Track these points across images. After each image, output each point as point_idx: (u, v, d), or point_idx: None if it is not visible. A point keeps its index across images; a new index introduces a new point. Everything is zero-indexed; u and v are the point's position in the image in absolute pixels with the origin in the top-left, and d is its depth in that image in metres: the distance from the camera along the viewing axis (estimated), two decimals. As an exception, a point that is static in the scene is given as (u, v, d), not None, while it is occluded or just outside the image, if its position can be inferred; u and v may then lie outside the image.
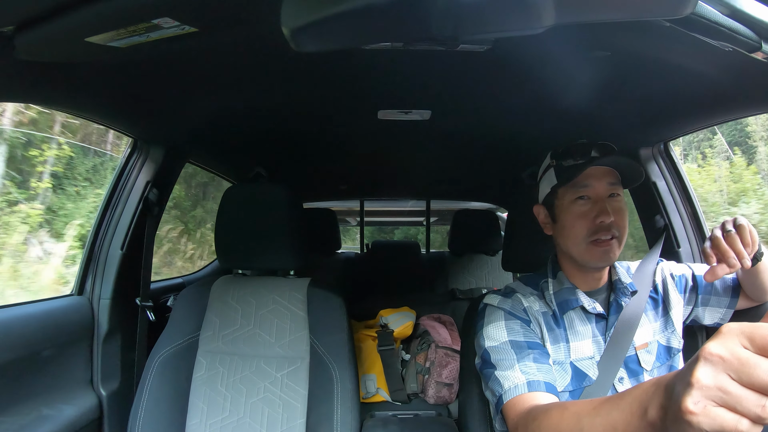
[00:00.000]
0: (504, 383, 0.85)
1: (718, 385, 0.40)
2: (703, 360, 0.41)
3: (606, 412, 0.57)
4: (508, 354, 0.88)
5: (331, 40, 0.58)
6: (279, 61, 0.99)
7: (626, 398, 0.54)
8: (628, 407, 0.53)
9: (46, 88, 0.94)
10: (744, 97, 1.01)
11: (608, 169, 0.92)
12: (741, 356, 0.39)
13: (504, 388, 0.85)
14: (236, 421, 1.11)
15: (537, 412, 0.75)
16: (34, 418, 1.10)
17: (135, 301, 1.44)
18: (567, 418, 0.65)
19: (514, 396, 0.83)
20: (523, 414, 0.79)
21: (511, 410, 0.82)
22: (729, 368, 0.40)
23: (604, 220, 0.89)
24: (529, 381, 0.83)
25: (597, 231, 0.89)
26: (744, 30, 0.63)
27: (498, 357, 0.89)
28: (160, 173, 1.46)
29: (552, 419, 0.69)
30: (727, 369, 0.40)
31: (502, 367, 0.87)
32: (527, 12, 0.52)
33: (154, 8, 0.64)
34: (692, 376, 0.41)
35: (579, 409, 0.64)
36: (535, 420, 0.73)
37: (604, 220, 0.89)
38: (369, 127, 1.52)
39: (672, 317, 0.99)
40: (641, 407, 0.50)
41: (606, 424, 0.56)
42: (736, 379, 0.39)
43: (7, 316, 1.09)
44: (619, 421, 0.54)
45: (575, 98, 1.18)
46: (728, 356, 0.40)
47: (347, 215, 4.33)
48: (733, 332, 0.41)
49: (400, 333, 2.07)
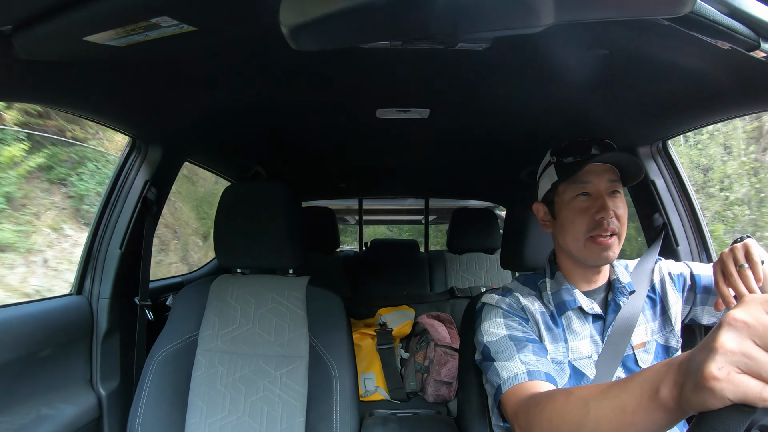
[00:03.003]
0: (503, 373, 0.85)
1: (743, 350, 0.40)
2: (727, 325, 0.41)
3: (614, 394, 0.56)
4: (508, 347, 0.88)
5: (330, 39, 0.58)
6: (277, 60, 0.99)
7: (636, 380, 0.53)
8: (638, 389, 0.52)
9: (44, 87, 0.93)
10: (743, 96, 1.01)
11: (608, 166, 0.93)
12: (766, 322, 0.39)
13: (503, 378, 0.84)
14: (236, 419, 1.11)
15: (540, 397, 0.74)
16: (34, 417, 1.10)
17: (134, 301, 1.44)
18: (572, 401, 0.64)
19: (513, 384, 0.82)
20: (524, 400, 0.77)
21: (510, 398, 0.81)
22: (754, 334, 0.40)
23: (605, 216, 0.89)
24: (529, 370, 0.83)
25: (597, 227, 0.90)
26: (742, 29, 0.63)
27: (497, 350, 0.89)
28: (159, 172, 1.46)
29: (557, 403, 0.67)
30: (752, 335, 0.40)
31: (502, 358, 0.87)
32: (526, 10, 0.52)
33: (153, 7, 0.64)
34: (716, 342, 0.41)
35: (585, 392, 0.63)
36: (538, 405, 0.71)
37: (605, 216, 0.89)
38: (367, 126, 1.52)
39: (670, 316, 0.99)
40: (652, 387, 0.50)
41: (614, 406, 0.55)
42: (761, 345, 0.39)
43: (6, 316, 1.09)
44: (628, 403, 0.53)
45: (574, 97, 1.18)
46: (753, 322, 0.40)
47: (346, 214, 4.33)
48: (757, 300, 0.41)
49: (398, 332, 2.07)
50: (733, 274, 0.81)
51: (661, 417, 0.49)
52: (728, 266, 0.82)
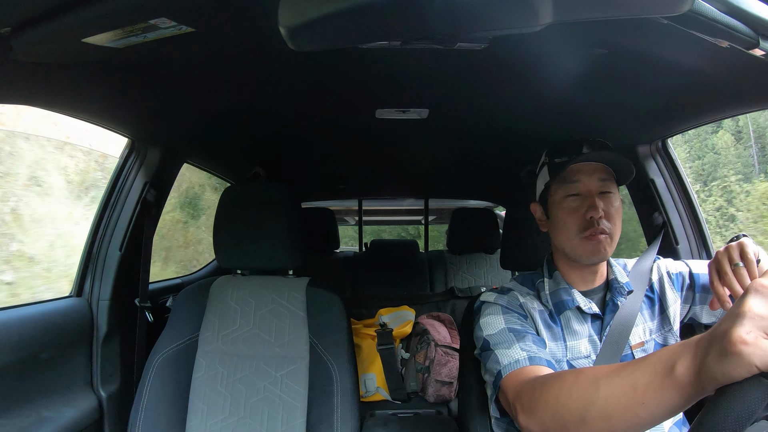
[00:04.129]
0: (503, 359, 0.84)
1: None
2: (754, 291, 0.41)
3: (627, 373, 0.55)
4: (507, 338, 0.88)
5: (328, 40, 0.58)
6: (276, 61, 0.99)
7: (649, 359, 0.53)
8: (651, 367, 0.51)
9: (43, 89, 0.93)
10: (741, 94, 1.01)
11: (600, 165, 0.92)
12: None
13: (503, 364, 0.83)
14: (236, 421, 1.10)
15: (547, 377, 0.72)
16: (34, 420, 1.10)
17: (134, 302, 1.43)
18: (582, 380, 0.62)
19: (515, 369, 0.81)
20: (528, 380, 0.75)
21: (512, 380, 0.80)
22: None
23: (593, 216, 0.89)
24: (530, 356, 0.82)
25: (587, 227, 0.90)
26: (741, 27, 0.63)
27: (497, 341, 0.88)
28: (158, 174, 1.46)
29: (565, 381, 0.65)
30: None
31: (502, 347, 0.86)
32: (525, 10, 0.52)
33: (151, 8, 0.64)
34: (743, 307, 0.41)
35: (596, 371, 0.62)
36: (545, 384, 0.70)
37: (593, 216, 0.89)
38: (367, 126, 1.52)
39: (669, 316, 0.99)
40: (666, 365, 0.49)
41: (626, 384, 0.54)
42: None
43: (6, 318, 1.09)
44: (640, 381, 0.52)
45: (573, 96, 1.18)
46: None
47: (345, 214, 4.33)
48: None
49: (399, 332, 2.07)
50: (728, 272, 0.81)
51: (673, 396, 0.49)
52: (723, 265, 0.82)
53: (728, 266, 0.81)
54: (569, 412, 0.62)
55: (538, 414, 0.68)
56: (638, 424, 0.54)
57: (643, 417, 0.52)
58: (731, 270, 0.81)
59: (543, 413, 0.67)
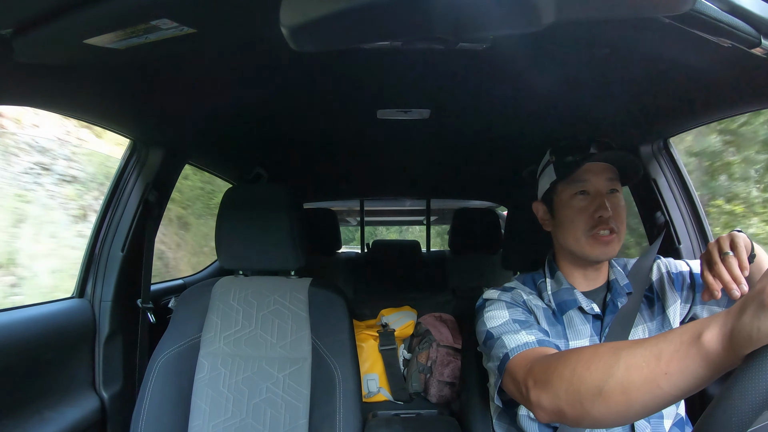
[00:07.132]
0: (510, 343, 0.82)
1: None
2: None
3: (651, 344, 0.53)
4: (513, 327, 0.87)
5: (330, 40, 0.58)
6: (278, 62, 0.99)
7: (676, 330, 0.51)
8: (677, 337, 0.50)
9: (44, 90, 0.93)
10: (744, 93, 1.00)
11: (607, 165, 0.93)
12: None
13: (510, 347, 0.82)
14: (239, 422, 1.10)
15: (563, 352, 0.70)
16: (37, 421, 1.10)
17: (136, 303, 1.44)
18: (603, 351, 0.59)
19: (524, 350, 0.79)
20: (540, 357, 0.73)
21: (521, 360, 0.78)
22: None
23: (603, 215, 0.89)
24: (539, 339, 0.82)
25: (596, 225, 0.90)
26: (743, 26, 0.63)
27: (502, 330, 0.88)
28: (160, 175, 1.46)
29: (584, 354, 0.62)
30: None
31: (509, 334, 0.86)
32: (527, 9, 0.52)
33: (153, 9, 0.63)
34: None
35: (617, 344, 0.59)
36: (561, 358, 0.67)
37: (603, 215, 0.89)
38: (368, 127, 1.51)
39: (668, 316, 0.98)
40: (694, 334, 0.48)
41: (649, 354, 0.52)
42: None
43: (9, 320, 1.09)
44: (665, 350, 0.50)
45: (575, 95, 1.18)
46: None
47: (347, 215, 4.33)
48: None
49: (401, 332, 2.07)
50: (717, 261, 0.79)
51: (699, 366, 0.47)
52: (713, 255, 0.81)
53: (717, 256, 0.80)
54: (585, 384, 0.59)
55: (552, 387, 0.65)
56: (658, 396, 0.51)
57: (665, 389, 0.50)
58: (720, 259, 0.80)
59: (557, 386, 0.64)
